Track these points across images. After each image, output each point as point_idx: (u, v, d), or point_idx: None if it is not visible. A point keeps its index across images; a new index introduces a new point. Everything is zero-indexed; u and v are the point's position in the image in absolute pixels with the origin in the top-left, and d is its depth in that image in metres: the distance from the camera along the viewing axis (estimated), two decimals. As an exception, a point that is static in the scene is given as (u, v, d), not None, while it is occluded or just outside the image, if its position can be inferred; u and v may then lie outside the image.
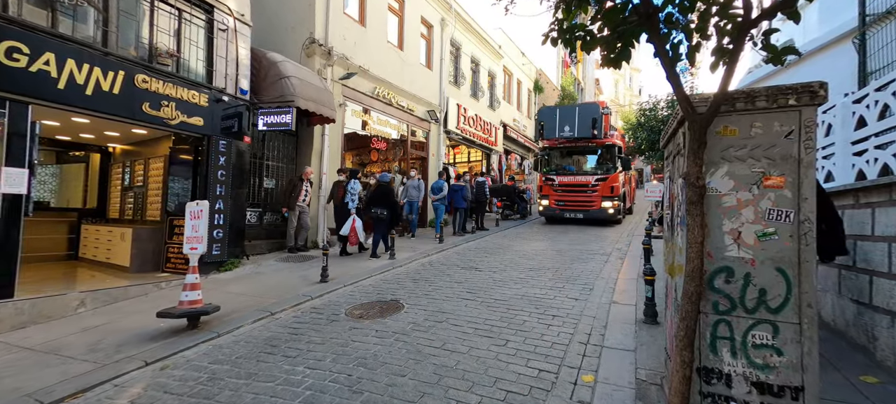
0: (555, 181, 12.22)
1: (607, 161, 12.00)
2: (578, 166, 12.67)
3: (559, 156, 12.97)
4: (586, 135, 12.03)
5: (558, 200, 12.05)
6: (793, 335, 2.00)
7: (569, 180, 12.12)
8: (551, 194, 12.21)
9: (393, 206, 8.31)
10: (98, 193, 8.84)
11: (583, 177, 11.98)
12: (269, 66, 7.84)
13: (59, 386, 3.16)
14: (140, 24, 6.28)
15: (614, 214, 11.39)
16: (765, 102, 2.05)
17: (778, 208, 2.03)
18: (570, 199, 11.91)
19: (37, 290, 5.13)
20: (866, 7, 5.63)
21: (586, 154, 12.72)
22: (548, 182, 12.37)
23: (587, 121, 12.01)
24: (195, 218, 4.60)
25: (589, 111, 12.25)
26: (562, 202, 12.00)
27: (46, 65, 4.87)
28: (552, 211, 12.20)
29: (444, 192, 10.33)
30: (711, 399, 2.13)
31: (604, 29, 2.40)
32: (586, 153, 12.71)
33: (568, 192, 11.99)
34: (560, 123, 12.39)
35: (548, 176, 12.47)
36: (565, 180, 12.15)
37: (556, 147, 12.79)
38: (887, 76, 4.17)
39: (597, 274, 6.06)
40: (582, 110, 12.45)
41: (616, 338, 3.69)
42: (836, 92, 5.45)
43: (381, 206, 8.07)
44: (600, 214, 11.42)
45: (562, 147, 12.72)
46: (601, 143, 12.08)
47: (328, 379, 3.10)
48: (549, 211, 12.29)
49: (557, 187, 12.14)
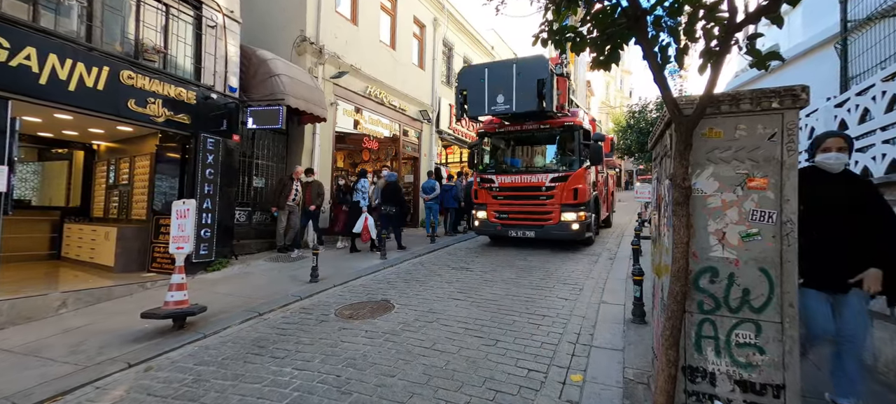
0: (494, 183, 8.21)
1: (569, 152, 8.08)
2: (528, 160, 9.07)
3: (501, 145, 9.08)
4: (531, 109, 7.60)
5: (500, 211, 8.14)
6: (775, 334, 2.03)
7: (513, 181, 8.10)
8: (490, 202, 8.26)
9: (401, 203, 8.94)
10: (82, 191, 8.65)
11: (533, 177, 7.98)
12: (259, 64, 7.76)
13: (38, 388, 3.08)
14: (126, 19, 6.16)
15: (580, 231, 7.50)
16: (749, 105, 2.08)
17: (761, 209, 2.07)
18: (516, 210, 8.00)
19: (16, 291, 5.00)
20: (848, 13, 5.77)
21: (537, 142, 8.91)
22: (484, 184, 8.36)
23: (529, 88, 7.52)
24: (182, 217, 4.53)
25: (531, 71, 7.59)
26: (504, 214, 8.08)
27: (27, 59, 4.75)
28: (491, 227, 8.23)
29: (436, 192, 10.34)
30: (696, 397, 2.16)
31: (593, 31, 2.42)
32: (538, 141, 8.87)
33: (513, 199, 8.05)
34: (490, 92, 7.88)
35: (484, 176, 8.44)
36: (508, 181, 8.12)
37: (494, 132, 8.74)
38: (867, 81, 4.29)
39: (586, 275, 6.11)
40: (522, 70, 7.70)
41: (605, 338, 3.72)
42: (819, 96, 5.59)
43: (390, 204, 8.59)
44: (560, 232, 7.56)
45: (503, 132, 8.72)
46: (558, 124, 8.04)
47: (316, 379, 3.08)
48: (488, 227, 8.29)
49: (498, 192, 8.17)
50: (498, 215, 8.18)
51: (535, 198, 7.86)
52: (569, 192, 7.55)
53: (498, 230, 8.17)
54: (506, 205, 8.14)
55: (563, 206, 7.57)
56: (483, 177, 8.48)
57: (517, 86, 7.69)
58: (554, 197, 7.64)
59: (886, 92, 3.77)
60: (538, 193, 7.82)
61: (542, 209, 7.78)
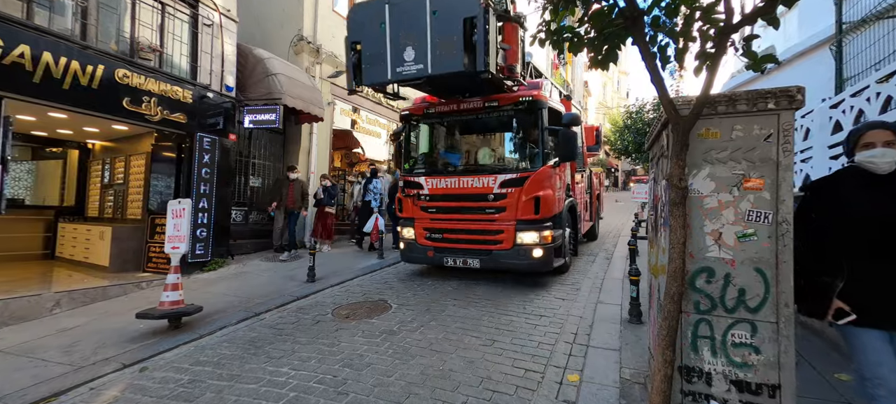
0: (422, 187, 5.71)
1: (530, 142, 5.49)
2: (470, 155, 6.36)
3: (433, 133, 6.50)
4: (455, 70, 4.70)
5: (432, 230, 5.65)
6: (770, 334, 2.04)
7: (449, 186, 5.59)
8: (418, 217, 5.77)
9: None
10: (76, 191, 8.59)
11: (475, 180, 5.43)
12: (255, 63, 7.73)
13: (31, 389, 3.05)
14: (121, 17, 6.13)
15: (544, 259, 5.11)
16: (745, 106, 2.09)
17: (757, 210, 2.07)
18: (453, 228, 5.54)
19: (9, 290, 4.95)
20: (843, 15, 5.81)
21: (482, 128, 6.34)
22: (410, 190, 5.81)
23: (451, 35, 4.64)
24: (177, 216, 4.50)
25: (453, 7, 4.66)
26: (437, 234, 5.61)
27: (21, 57, 4.71)
28: (420, 252, 5.72)
29: None
30: (692, 397, 2.17)
31: (590, 31, 2.43)
32: (483, 127, 6.30)
33: (449, 213, 5.57)
34: (395, 44, 4.96)
35: (410, 178, 5.89)
36: (442, 186, 5.62)
37: (422, 114, 5.98)
38: (862, 82, 4.32)
39: (584, 273, 6.12)
40: (439, 6, 4.71)
41: (601, 338, 3.73)
42: (814, 97, 5.63)
43: None
44: (515, 260, 5.16)
45: (434, 114, 5.94)
46: (509, 100, 5.43)
47: (313, 380, 3.07)
48: (415, 251, 5.78)
49: (428, 202, 5.68)
50: (429, 235, 5.61)
51: (479, 210, 5.31)
52: (527, 202, 5.06)
53: (429, 257, 5.60)
54: (439, 220, 5.56)
55: (520, 224, 5.08)
56: (408, 179, 5.84)
57: (433, 32, 4.64)
58: (506, 209, 5.14)
59: (881, 93, 3.80)
60: (483, 204, 5.26)
61: (488, 227, 5.24)
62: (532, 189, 5.13)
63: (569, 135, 5.29)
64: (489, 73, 4.63)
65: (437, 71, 4.71)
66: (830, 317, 1.94)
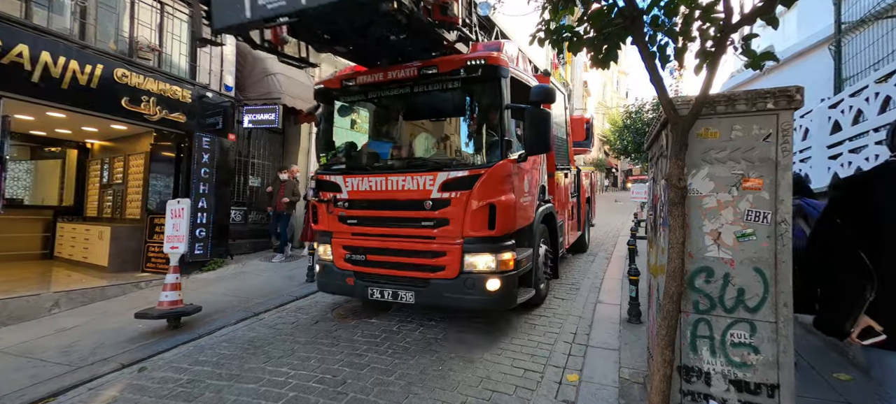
0: (340, 190, 4.16)
1: (481, 124, 3.97)
2: (403, 145, 4.57)
3: (356, 114, 5.37)
4: (336, 9, 2.88)
5: (353, 248, 4.10)
6: (769, 334, 2.04)
7: (372, 189, 4.00)
8: (337, 229, 4.24)
9: None
10: (75, 190, 8.58)
11: (407, 179, 3.82)
12: (254, 63, 7.72)
13: (30, 389, 3.05)
14: (120, 17, 6.12)
15: (503, 293, 3.58)
16: (744, 106, 2.09)
17: (756, 209, 2.07)
18: (379, 247, 3.98)
19: (8, 290, 4.95)
20: (842, 15, 5.81)
21: (418, 109, 4.80)
22: (325, 193, 4.27)
23: None
24: (176, 216, 4.50)
25: None
26: (359, 255, 4.05)
27: (19, 57, 4.70)
28: (338, 278, 4.19)
29: None
30: (691, 396, 2.17)
31: (590, 31, 2.43)
32: (418, 108, 4.76)
33: (373, 224, 4.05)
34: None
35: (325, 177, 4.34)
36: (365, 189, 4.04)
37: (340, 88, 4.50)
38: (861, 82, 4.33)
39: (584, 273, 6.12)
40: None
41: (600, 338, 3.73)
42: (813, 97, 5.64)
43: None
44: (460, 294, 3.62)
45: (355, 88, 4.38)
46: (453, 66, 3.79)
47: (313, 379, 3.06)
48: (331, 277, 4.25)
49: (348, 210, 4.14)
50: (350, 255, 4.07)
51: (413, 222, 3.82)
52: (479, 212, 3.58)
53: (348, 286, 4.09)
54: (362, 235, 4.06)
55: (469, 243, 3.64)
56: (323, 178, 4.30)
57: None
58: (450, 221, 3.65)
59: (880, 93, 3.81)
60: (418, 213, 3.76)
61: (425, 246, 3.78)
62: (485, 192, 3.52)
63: (539, 116, 3.62)
64: (394, 2, 2.78)
65: (313, 3, 2.88)
66: (855, 337, 1.65)
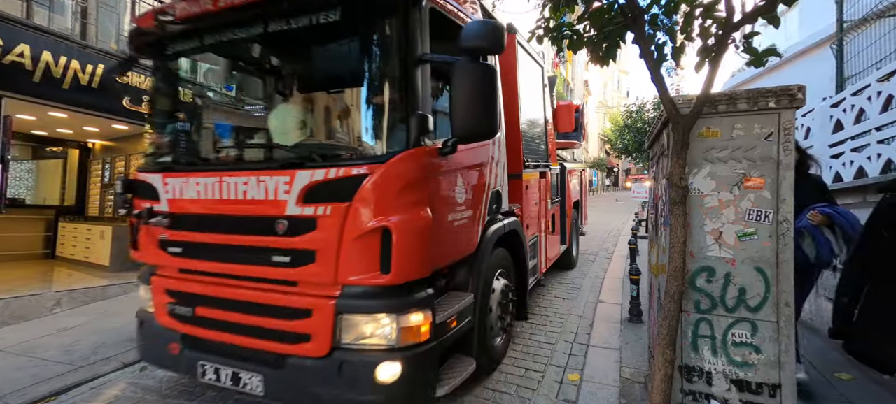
0: (158, 198, 2.40)
1: (374, 87, 2.17)
2: (252, 124, 3.03)
3: (174, 74, 2.87)
4: None
5: (179, 295, 2.39)
6: (771, 333, 2.04)
7: (199, 196, 2.24)
8: (160, 262, 2.50)
9: None
10: (77, 190, 8.58)
11: (249, 181, 2.10)
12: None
13: (31, 388, 3.05)
14: (121, 16, 6.13)
15: (406, 383, 1.96)
16: (746, 105, 2.09)
17: (757, 209, 2.07)
18: (213, 295, 2.26)
19: (10, 290, 4.96)
20: (844, 14, 5.79)
21: (273, 61, 2.89)
22: (139, 202, 2.54)
23: None
24: (177, 216, 4.49)
25: None
26: (185, 306, 2.33)
27: (20, 57, 4.71)
28: (159, 340, 2.47)
29: None
30: (693, 396, 2.17)
31: (590, 29, 2.42)
32: (275, 59, 2.88)
33: (205, 255, 2.29)
34: None
35: (142, 177, 2.57)
36: (189, 197, 2.28)
37: (150, 22, 2.39)
38: (863, 81, 4.31)
39: (585, 272, 6.12)
40: None
41: (602, 337, 3.73)
42: (815, 96, 5.61)
43: None
44: (327, 388, 1.97)
45: (173, 24, 2.31)
46: None
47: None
48: (151, 339, 2.55)
49: (170, 231, 2.37)
50: (175, 306, 2.44)
51: (258, 256, 2.19)
52: (364, 243, 1.99)
53: (173, 357, 2.46)
54: (192, 272, 2.44)
55: (347, 297, 2.06)
56: (139, 179, 2.66)
57: None
58: (316, 255, 2.04)
59: (882, 92, 3.79)
60: (266, 241, 2.14)
61: (276, 299, 2.18)
62: (376, 206, 2.01)
63: (478, 74, 2.04)
64: None
65: None
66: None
